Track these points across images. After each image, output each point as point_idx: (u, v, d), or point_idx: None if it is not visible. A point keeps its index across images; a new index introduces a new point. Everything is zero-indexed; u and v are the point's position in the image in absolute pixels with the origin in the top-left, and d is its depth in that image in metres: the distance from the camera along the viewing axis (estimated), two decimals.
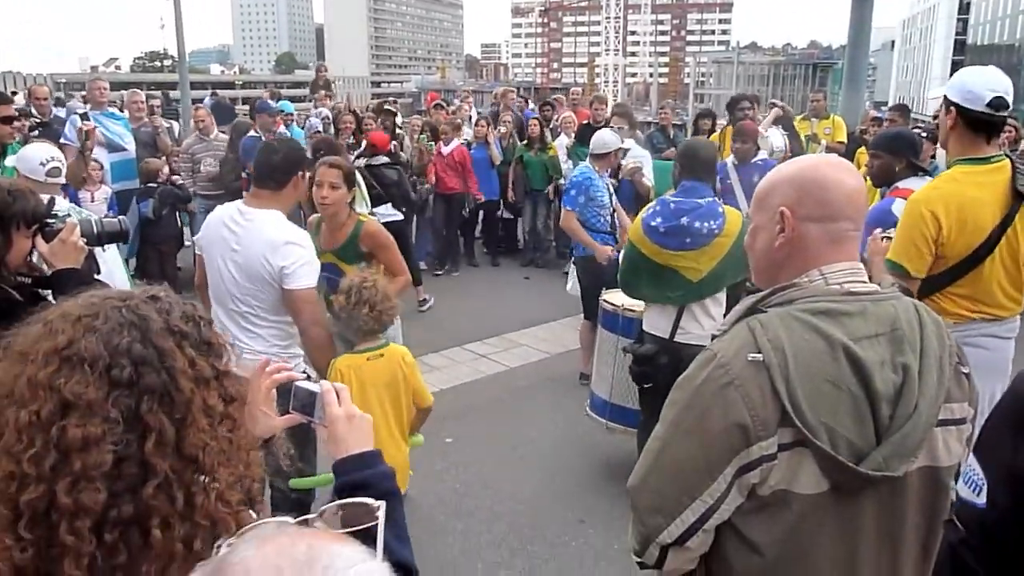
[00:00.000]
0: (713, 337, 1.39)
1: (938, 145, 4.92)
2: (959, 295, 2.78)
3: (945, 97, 2.77)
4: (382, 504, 0.90)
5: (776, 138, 6.15)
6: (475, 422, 4.98)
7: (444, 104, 9.95)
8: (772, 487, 1.25)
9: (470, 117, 9.65)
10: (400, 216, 7.00)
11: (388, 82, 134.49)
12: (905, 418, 1.23)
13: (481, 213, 8.98)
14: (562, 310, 6.86)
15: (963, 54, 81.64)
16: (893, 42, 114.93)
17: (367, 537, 0.84)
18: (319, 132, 8.25)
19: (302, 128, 8.74)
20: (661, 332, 3.52)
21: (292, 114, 8.34)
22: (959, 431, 1.34)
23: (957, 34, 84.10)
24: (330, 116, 9.14)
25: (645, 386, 3.55)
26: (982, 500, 1.14)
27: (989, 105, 2.65)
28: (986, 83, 2.68)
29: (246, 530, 0.70)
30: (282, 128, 7.73)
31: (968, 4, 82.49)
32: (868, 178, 3.66)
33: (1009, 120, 8.85)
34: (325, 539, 0.61)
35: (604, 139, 5.41)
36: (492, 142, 8.53)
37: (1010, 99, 2.67)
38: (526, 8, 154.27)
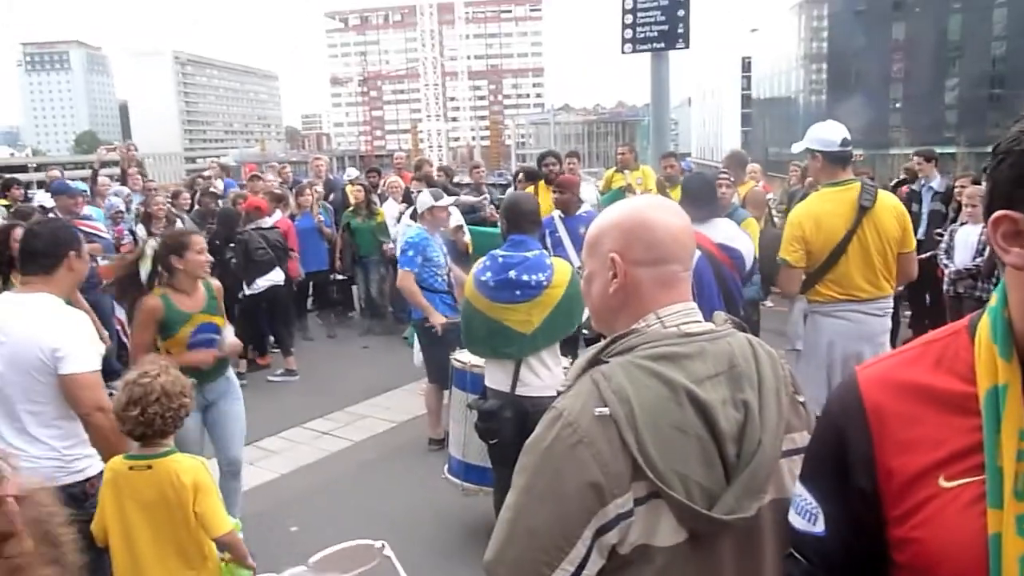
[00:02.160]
0: (558, 393, 1.33)
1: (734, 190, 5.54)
2: (829, 281, 3.84)
3: (808, 148, 3.90)
4: (384, 543, 0.76)
5: (588, 192, 6.45)
6: (322, 505, 4.70)
7: (260, 175, 9.64)
8: (632, 544, 1.20)
9: (291, 187, 9.40)
10: (282, 280, 7.02)
11: (204, 157, 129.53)
12: (751, 455, 1.23)
13: (311, 285, 8.70)
14: (405, 376, 6.72)
15: (749, 107, 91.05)
16: (690, 98, 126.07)
17: None
18: (120, 212, 7.72)
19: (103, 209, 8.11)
20: (502, 386, 3.50)
21: (85, 191, 7.74)
22: (802, 460, 1.33)
23: (743, 89, 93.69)
24: (130, 195, 8.52)
25: (491, 442, 3.50)
26: (820, 528, 1.12)
27: (841, 145, 3.81)
28: (833, 131, 3.84)
29: None
30: (85, 209, 7.16)
31: (749, 63, 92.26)
32: None
33: (794, 162, 10.00)
34: None
35: (422, 198, 5.47)
36: (317, 212, 8.36)
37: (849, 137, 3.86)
38: (344, 78, 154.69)
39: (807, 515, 1.14)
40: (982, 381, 0.96)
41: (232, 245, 6.90)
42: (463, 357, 4.23)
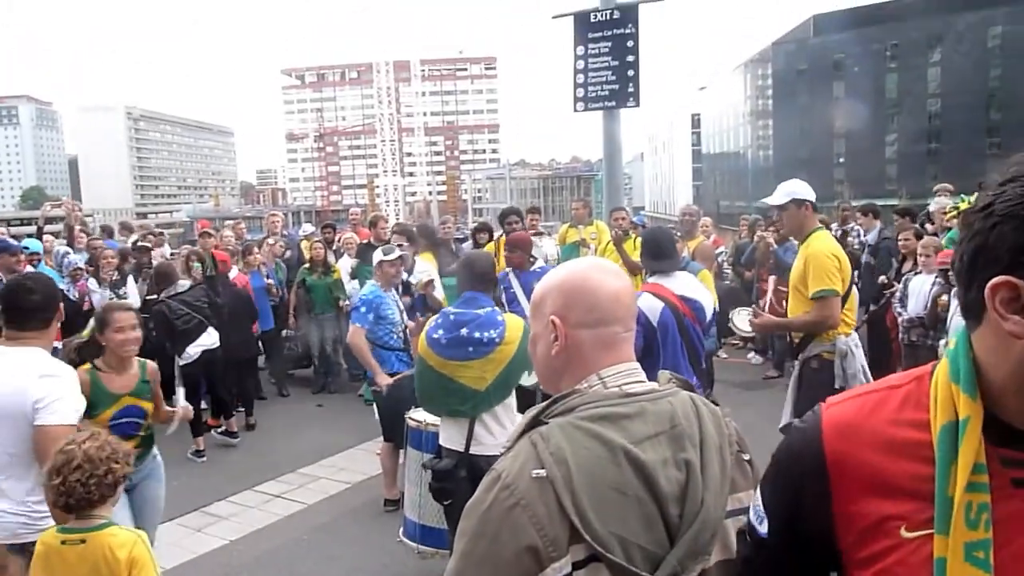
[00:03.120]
0: (500, 454, 1.33)
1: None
2: (847, 310, 4.21)
3: (794, 200, 4.25)
4: None
5: (548, 247, 6.50)
6: (273, 572, 4.54)
7: (213, 232, 9.53)
8: None
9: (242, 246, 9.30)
10: (215, 343, 6.65)
11: (156, 212, 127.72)
12: (694, 516, 1.21)
13: (261, 343, 8.54)
14: (360, 435, 6.61)
15: (700, 161, 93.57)
16: (643, 153, 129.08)
17: None
18: (80, 269, 7.52)
19: (58, 267, 7.90)
20: (456, 445, 3.46)
21: (38, 253, 7.53)
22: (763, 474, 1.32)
23: (693, 145, 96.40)
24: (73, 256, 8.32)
25: (446, 503, 3.44)
26: (764, 530, 1.17)
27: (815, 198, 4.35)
28: (808, 186, 4.33)
29: None
30: (28, 268, 6.96)
31: (699, 119, 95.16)
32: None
33: (743, 215, 10.27)
34: None
35: (378, 252, 5.47)
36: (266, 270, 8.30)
37: None
38: (300, 134, 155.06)
39: (758, 516, 1.18)
40: (938, 419, 0.99)
41: (147, 316, 6.55)
42: (418, 416, 4.17)
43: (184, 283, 6.76)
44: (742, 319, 5.28)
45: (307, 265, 8.55)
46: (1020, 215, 0.88)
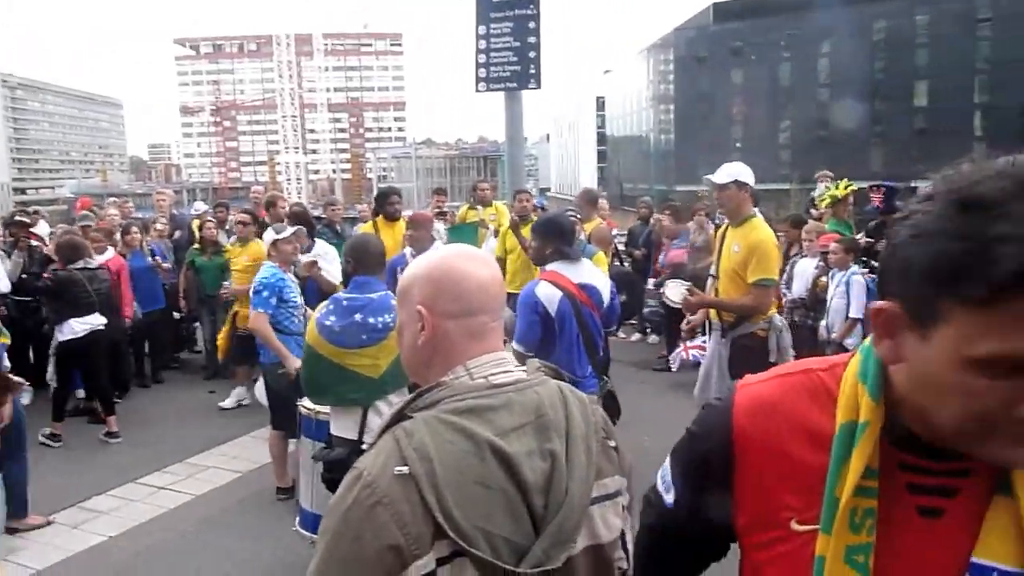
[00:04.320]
0: (362, 451, 1.28)
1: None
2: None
3: (737, 181, 4.36)
4: None
5: (440, 229, 6.43)
6: (159, 568, 4.34)
7: (94, 211, 8.99)
8: None
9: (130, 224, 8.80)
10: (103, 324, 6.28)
11: (37, 188, 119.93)
12: (558, 505, 1.22)
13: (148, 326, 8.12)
14: (252, 422, 6.39)
15: (604, 144, 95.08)
16: (549, 134, 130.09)
17: None
18: None
19: None
20: (349, 434, 3.37)
21: None
22: (615, 504, 1.35)
23: (598, 127, 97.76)
24: None
25: None
26: (670, 499, 1.23)
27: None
28: (750, 171, 4.44)
29: None
30: None
31: (604, 102, 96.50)
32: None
33: (642, 199, 10.50)
34: None
35: (269, 232, 5.27)
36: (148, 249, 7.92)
37: None
38: (195, 107, 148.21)
39: (664, 484, 1.26)
40: (840, 415, 1.00)
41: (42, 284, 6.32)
42: (310, 403, 4.05)
43: (93, 261, 6.52)
44: (676, 292, 5.34)
45: (197, 246, 8.17)
46: (912, 244, 0.87)
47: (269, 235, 5.18)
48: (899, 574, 0.97)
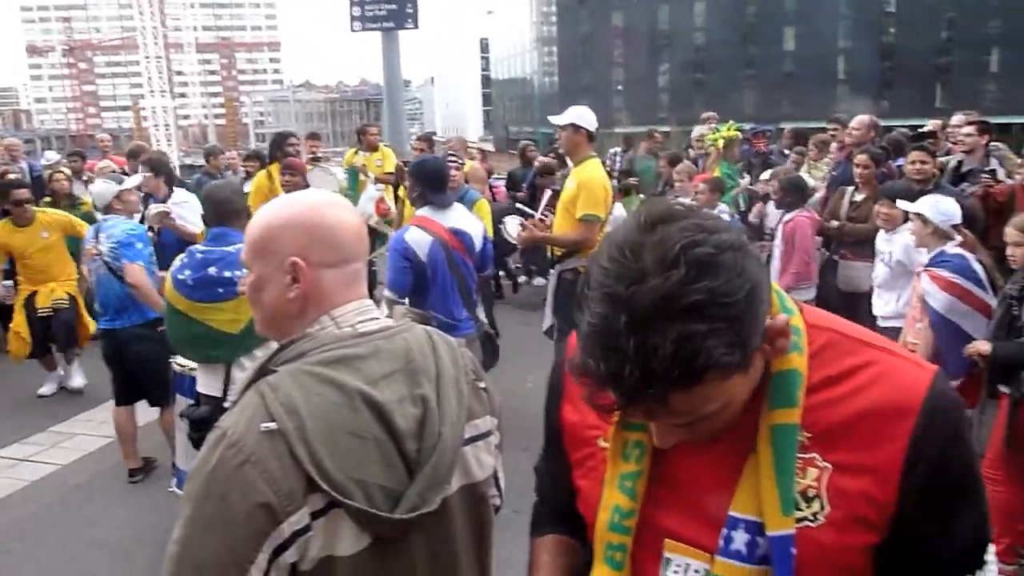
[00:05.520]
0: (223, 410, 1.22)
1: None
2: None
3: (573, 124, 4.57)
4: None
5: (316, 178, 6.22)
6: (19, 546, 4.08)
7: None
8: (314, 559, 1.14)
9: None
10: None
11: None
12: (432, 449, 1.23)
13: None
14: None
15: (489, 87, 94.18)
16: (433, 77, 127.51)
17: None
18: None
19: None
20: (214, 391, 3.25)
21: None
22: (487, 443, 1.39)
23: (483, 70, 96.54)
24: None
25: None
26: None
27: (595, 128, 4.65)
28: (592, 115, 4.63)
29: None
30: None
31: (487, 44, 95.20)
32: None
33: (525, 141, 10.52)
34: None
35: (97, 186, 4.80)
36: None
37: None
38: (45, 47, 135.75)
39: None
40: None
41: None
42: (182, 360, 3.85)
43: None
44: (512, 227, 5.43)
45: (48, 198, 7.55)
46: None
47: (104, 186, 4.73)
48: (667, 500, 1.06)
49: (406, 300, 3.57)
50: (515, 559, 1.56)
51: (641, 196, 8.21)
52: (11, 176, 7.59)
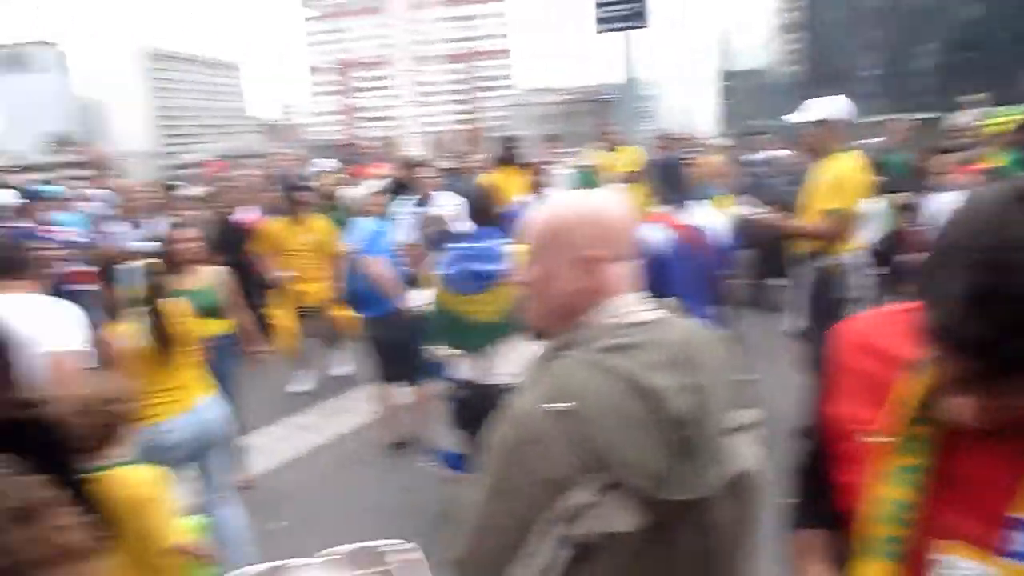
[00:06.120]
0: (489, 393, 1.37)
1: None
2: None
3: (825, 119, 4.38)
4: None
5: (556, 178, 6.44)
6: (304, 504, 4.66)
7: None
8: (595, 534, 1.23)
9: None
10: None
11: (184, 153, 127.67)
12: (707, 437, 1.27)
13: None
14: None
15: (727, 80, 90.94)
16: (667, 75, 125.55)
17: None
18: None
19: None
20: (476, 376, 3.53)
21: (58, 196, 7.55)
22: (756, 434, 1.40)
23: (721, 63, 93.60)
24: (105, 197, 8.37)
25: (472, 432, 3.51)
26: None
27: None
28: (847, 102, 4.44)
29: None
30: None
31: (728, 36, 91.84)
32: None
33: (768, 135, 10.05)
34: None
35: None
36: None
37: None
38: (324, 67, 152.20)
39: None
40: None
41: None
42: (443, 348, 4.19)
43: None
44: (747, 209, 5.23)
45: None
46: None
47: (356, 191, 5.39)
48: (946, 496, 1.05)
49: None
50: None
51: (895, 192, 7.51)
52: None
